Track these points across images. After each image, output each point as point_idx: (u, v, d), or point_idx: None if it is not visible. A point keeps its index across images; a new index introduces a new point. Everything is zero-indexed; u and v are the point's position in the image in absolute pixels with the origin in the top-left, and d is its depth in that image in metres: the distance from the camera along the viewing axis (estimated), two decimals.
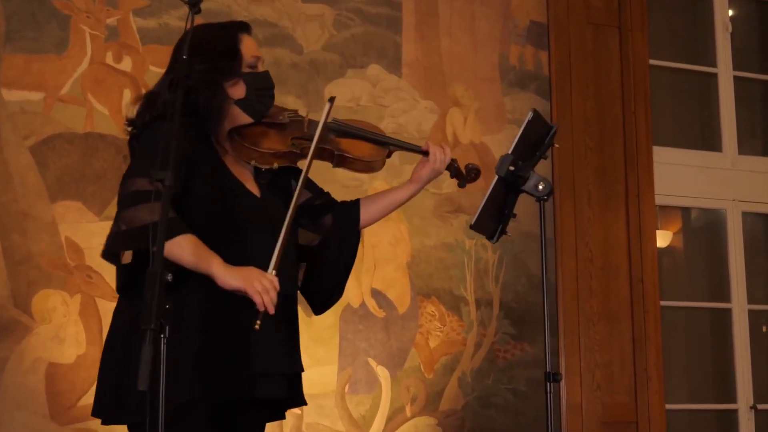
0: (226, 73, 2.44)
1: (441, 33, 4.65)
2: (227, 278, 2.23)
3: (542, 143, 2.84)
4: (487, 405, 4.36)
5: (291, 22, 4.38)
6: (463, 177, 2.82)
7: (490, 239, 2.86)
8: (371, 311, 4.24)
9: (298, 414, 4.03)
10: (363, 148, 2.63)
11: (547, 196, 2.75)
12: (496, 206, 2.80)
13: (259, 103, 2.50)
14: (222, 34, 2.51)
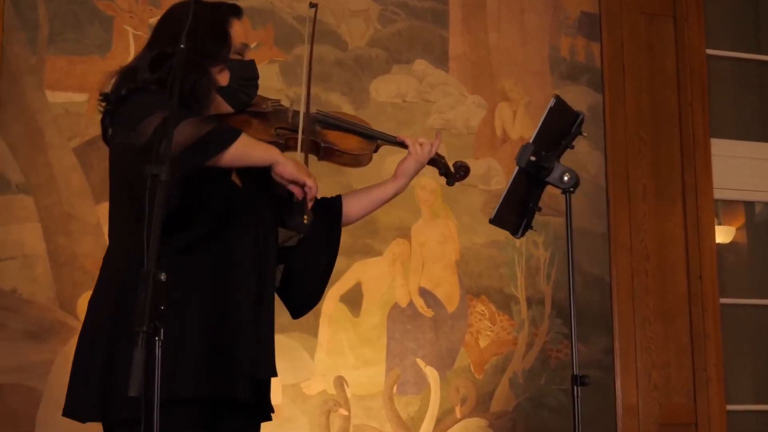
0: (212, 56, 2.33)
1: (489, 26, 4.56)
2: (286, 165, 2.22)
3: (569, 132, 2.70)
4: (539, 406, 4.26)
5: (335, 18, 4.32)
6: (451, 175, 2.73)
7: (514, 234, 2.75)
8: (419, 311, 4.16)
9: (346, 415, 3.97)
10: (350, 141, 2.54)
11: (573, 187, 2.61)
12: (518, 199, 2.66)
13: (242, 92, 2.39)
14: (213, 15, 2.38)
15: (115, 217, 2.27)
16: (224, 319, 2.23)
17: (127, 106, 2.23)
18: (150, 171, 1.87)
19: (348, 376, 3.99)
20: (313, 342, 3.99)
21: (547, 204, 4.38)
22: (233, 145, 2.13)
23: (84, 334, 2.23)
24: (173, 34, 2.23)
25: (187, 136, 2.08)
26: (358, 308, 4.09)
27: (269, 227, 2.39)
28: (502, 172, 4.41)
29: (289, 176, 2.23)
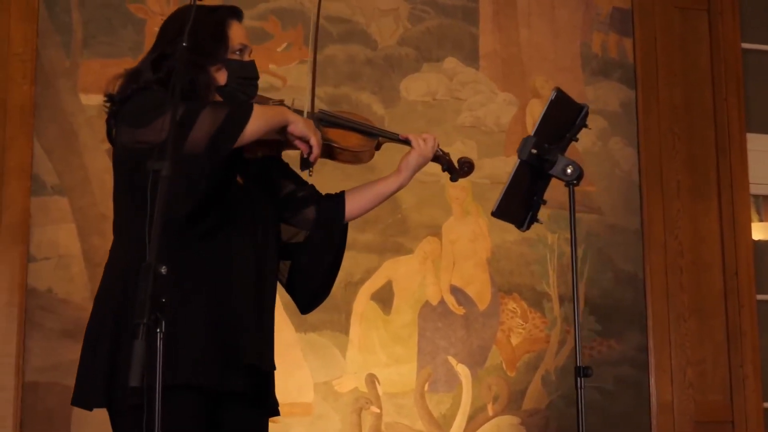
0: (211, 56, 2.36)
1: (519, 23, 4.54)
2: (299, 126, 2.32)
3: (573, 125, 2.68)
4: (572, 404, 4.19)
5: (365, 18, 4.34)
6: (455, 170, 2.72)
7: (519, 227, 2.73)
8: (450, 308, 4.17)
9: (377, 413, 3.98)
10: (351, 138, 2.54)
11: (576, 180, 2.59)
12: (522, 192, 2.65)
13: (240, 92, 2.41)
14: (211, 17, 2.42)
15: (119, 214, 2.32)
16: (224, 312, 2.26)
17: (130, 104, 2.27)
18: (152, 167, 1.89)
19: (379, 374, 4.01)
20: (345, 340, 4.02)
21: (579, 201, 4.37)
22: (252, 117, 2.20)
23: (90, 327, 2.29)
24: (174, 35, 2.29)
25: (209, 124, 2.14)
26: (389, 306, 4.10)
27: (269, 224, 2.42)
28: None
29: (300, 134, 2.32)
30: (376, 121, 4.19)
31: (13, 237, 3.71)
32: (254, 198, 2.39)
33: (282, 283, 2.55)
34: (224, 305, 2.27)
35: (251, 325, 2.30)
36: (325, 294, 2.61)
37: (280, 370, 3.88)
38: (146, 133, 2.17)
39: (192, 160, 2.11)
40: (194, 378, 2.19)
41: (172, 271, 1.84)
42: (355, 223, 4.04)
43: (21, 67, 3.85)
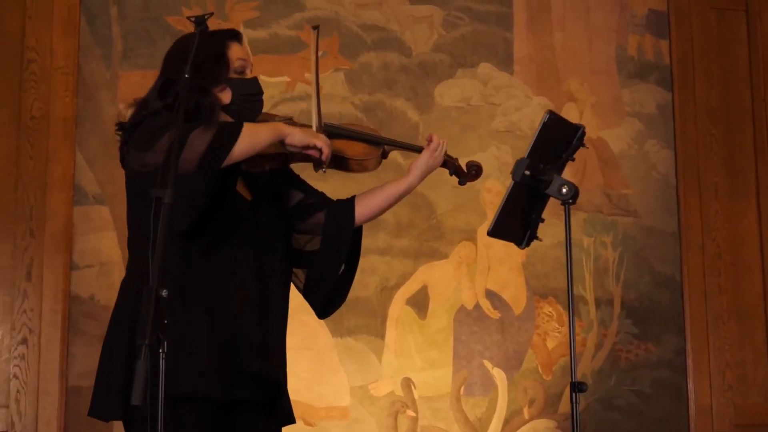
0: (213, 78, 2.44)
1: (554, 27, 4.56)
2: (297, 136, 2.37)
3: (569, 145, 2.72)
4: (609, 407, 4.25)
5: (399, 25, 4.38)
6: (463, 174, 2.74)
7: (518, 245, 2.76)
8: (486, 312, 4.20)
9: (413, 416, 4.03)
10: (356, 147, 2.59)
11: (572, 199, 2.64)
12: (519, 211, 2.68)
13: (246, 108, 2.48)
14: (210, 41, 2.48)
15: (132, 233, 2.39)
16: (227, 325, 2.32)
17: (139, 130, 2.35)
18: (154, 194, 1.96)
19: (415, 378, 4.06)
20: (381, 344, 4.07)
21: (616, 204, 4.38)
22: (241, 136, 2.26)
23: (107, 340, 2.37)
24: (177, 62, 2.37)
25: (198, 144, 2.20)
26: (424, 311, 4.14)
27: (276, 236, 2.45)
28: (569, 173, 4.37)
29: (300, 144, 2.37)
30: (411, 127, 4.26)
31: (57, 246, 3.81)
32: (261, 211, 2.45)
33: (299, 289, 2.61)
34: (227, 317, 2.32)
35: (254, 336, 2.35)
36: (341, 299, 2.66)
37: (317, 374, 3.98)
38: (151, 156, 2.25)
39: (186, 180, 2.16)
40: (199, 389, 2.26)
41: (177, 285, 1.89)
42: (391, 229, 4.14)
43: (63, 80, 3.95)
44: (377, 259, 4.13)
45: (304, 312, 3.98)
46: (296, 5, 4.28)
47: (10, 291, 3.77)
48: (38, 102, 3.91)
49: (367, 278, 4.11)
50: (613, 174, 4.47)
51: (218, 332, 2.31)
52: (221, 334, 2.31)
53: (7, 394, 3.70)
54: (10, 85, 3.90)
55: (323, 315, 2.65)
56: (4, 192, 3.82)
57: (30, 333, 3.75)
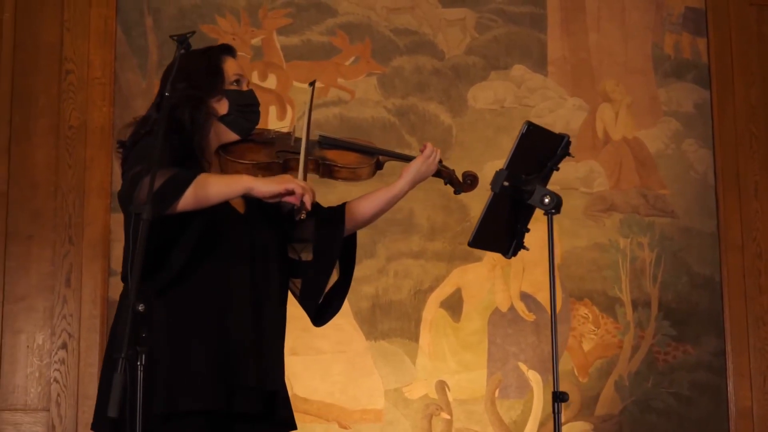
0: (208, 89, 2.49)
1: (588, 27, 4.53)
2: (265, 187, 2.31)
3: (554, 154, 2.71)
4: (646, 410, 4.21)
5: (431, 29, 4.39)
6: (458, 184, 2.75)
7: (504, 255, 2.75)
8: (520, 315, 4.19)
9: (448, 419, 4.04)
10: (348, 156, 2.62)
11: (554, 209, 2.64)
12: (502, 222, 2.70)
13: (243, 119, 2.53)
14: (205, 56, 2.57)
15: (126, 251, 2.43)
16: (222, 339, 2.36)
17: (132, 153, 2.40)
18: (133, 210, 2.01)
19: (449, 381, 4.07)
20: (415, 347, 4.08)
21: (653, 204, 4.34)
22: (190, 189, 2.25)
23: (106, 358, 2.41)
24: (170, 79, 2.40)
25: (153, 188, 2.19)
26: (458, 313, 4.15)
27: (270, 248, 2.48)
28: (605, 174, 4.38)
29: (269, 194, 2.33)
30: (444, 130, 4.27)
31: (95, 252, 3.89)
32: (254, 224, 2.47)
33: (296, 297, 2.63)
34: (222, 331, 2.36)
35: (250, 350, 2.38)
36: (337, 306, 2.66)
37: (351, 377, 4.01)
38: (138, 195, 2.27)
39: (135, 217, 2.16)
40: (196, 403, 2.30)
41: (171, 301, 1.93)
42: (425, 232, 4.15)
43: (100, 90, 4.04)
44: (411, 263, 4.15)
45: (339, 316, 4.00)
46: (328, 11, 4.31)
47: (50, 297, 3.86)
48: (76, 112, 4.00)
49: (400, 281, 4.13)
50: (650, 174, 4.43)
51: (214, 346, 2.35)
52: (217, 348, 2.35)
53: (47, 397, 3.79)
54: (49, 96, 4.00)
55: (318, 323, 2.66)
56: (43, 200, 3.92)
57: (69, 338, 3.84)
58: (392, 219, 4.14)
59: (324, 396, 3.99)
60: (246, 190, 2.31)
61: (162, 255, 2.32)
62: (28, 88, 3.99)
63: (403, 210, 4.17)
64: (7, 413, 3.75)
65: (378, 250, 4.14)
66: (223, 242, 2.40)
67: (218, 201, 2.31)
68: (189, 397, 2.30)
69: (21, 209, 3.90)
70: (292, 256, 2.62)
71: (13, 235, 3.87)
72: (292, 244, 2.62)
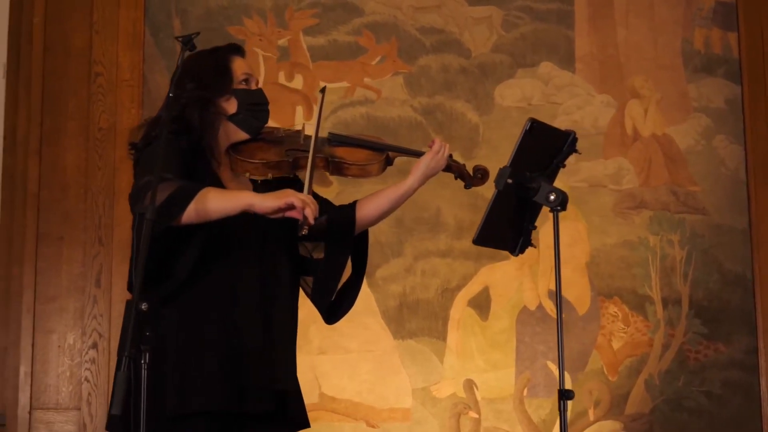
0: (217, 89, 2.50)
1: (617, 23, 4.50)
2: (265, 203, 2.30)
3: (560, 151, 2.69)
4: (677, 408, 4.17)
5: (458, 27, 4.39)
6: (469, 178, 2.74)
7: (512, 252, 2.73)
8: (549, 313, 4.17)
9: (476, 418, 4.03)
10: (358, 153, 2.62)
11: (560, 206, 2.61)
12: (507, 220, 2.67)
13: (252, 118, 2.54)
14: (214, 56, 2.58)
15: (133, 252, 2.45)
16: (231, 339, 2.37)
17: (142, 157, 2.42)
18: (138, 210, 2.03)
19: (477, 380, 4.06)
20: (442, 346, 4.08)
21: (683, 201, 4.31)
22: (192, 203, 2.26)
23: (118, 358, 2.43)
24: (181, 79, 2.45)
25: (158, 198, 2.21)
26: (486, 312, 4.14)
27: (280, 245, 2.48)
28: (634, 171, 4.35)
29: (271, 210, 2.32)
30: (471, 128, 4.26)
31: (124, 253, 3.93)
32: (265, 222, 2.46)
33: (307, 295, 2.64)
34: (231, 332, 2.38)
35: (259, 348, 2.40)
36: (349, 304, 2.67)
37: (379, 376, 4.02)
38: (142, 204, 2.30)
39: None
40: (206, 404, 2.32)
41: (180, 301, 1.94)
42: (452, 231, 4.15)
43: (129, 92, 4.08)
44: (438, 261, 4.15)
45: (367, 315, 4.08)
46: (355, 11, 4.32)
47: (81, 297, 3.90)
48: (105, 114, 4.04)
49: (428, 280, 4.13)
50: (680, 171, 4.39)
51: (224, 347, 2.37)
52: (227, 348, 2.37)
53: (78, 396, 3.84)
54: (79, 99, 4.04)
55: (330, 321, 2.67)
56: (74, 202, 3.96)
57: (100, 338, 3.88)
58: (419, 218, 4.15)
59: (352, 395, 4.00)
60: (246, 207, 2.32)
61: (167, 265, 2.34)
62: (58, 91, 4.04)
63: (430, 209, 4.17)
64: (39, 412, 3.80)
65: (405, 249, 4.14)
66: (233, 241, 2.41)
67: (218, 217, 2.31)
68: (200, 398, 2.32)
69: (52, 211, 3.94)
70: (302, 253, 2.63)
71: (44, 236, 3.92)
72: (303, 242, 2.63)
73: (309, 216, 2.29)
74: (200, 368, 2.34)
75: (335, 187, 4.05)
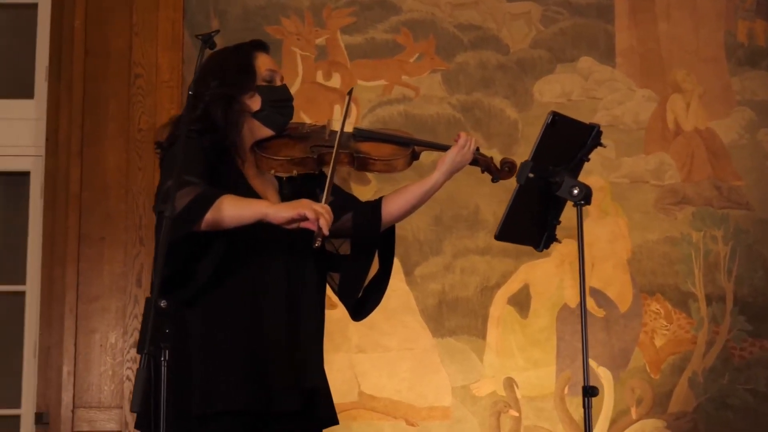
0: (240, 86, 2.51)
1: (657, 16, 4.44)
2: (278, 212, 2.29)
3: (584, 145, 2.64)
4: (722, 407, 4.11)
5: (496, 23, 4.36)
6: (496, 171, 2.71)
7: (536, 248, 2.69)
8: (590, 311, 4.13)
9: (516, 416, 4.01)
10: (384, 148, 2.60)
11: (583, 200, 2.56)
12: (530, 214, 2.63)
13: (276, 114, 2.53)
14: (237, 52, 2.58)
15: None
16: (257, 338, 2.38)
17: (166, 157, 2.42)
18: (157, 208, 2.04)
19: (518, 378, 4.03)
20: (482, 344, 4.06)
21: (727, 196, 4.24)
22: (210, 211, 2.26)
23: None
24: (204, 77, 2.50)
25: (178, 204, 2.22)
26: (526, 310, 4.11)
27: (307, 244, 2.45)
28: (676, 166, 4.29)
29: (284, 221, 2.31)
30: (509, 125, 4.24)
31: None
32: None
33: (334, 291, 2.63)
34: (256, 330, 2.38)
35: (285, 347, 2.40)
36: (376, 301, 2.65)
37: (418, 375, 4.01)
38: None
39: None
40: (232, 403, 2.32)
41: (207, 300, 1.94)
42: (491, 228, 4.12)
43: (168, 93, 4.11)
44: (477, 259, 4.13)
45: (406, 313, 4.07)
46: (392, 9, 4.31)
47: (122, 297, 3.95)
48: (145, 115, 4.08)
49: (467, 278, 4.11)
50: (724, 165, 4.32)
51: (250, 346, 2.37)
52: (253, 347, 2.37)
53: (120, 395, 3.88)
54: (119, 100, 4.08)
55: (357, 317, 2.66)
56: (115, 202, 4.00)
57: None
58: (458, 215, 4.13)
59: (391, 393, 4.00)
60: (261, 216, 2.31)
61: (189, 269, 2.34)
62: (98, 93, 4.08)
63: (468, 206, 4.16)
64: (82, 410, 3.85)
65: (444, 246, 4.13)
66: (259, 240, 2.41)
67: (232, 226, 2.31)
68: (225, 398, 2.33)
69: (93, 212, 3.99)
70: (329, 249, 2.62)
71: (86, 237, 3.96)
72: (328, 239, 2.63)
73: (323, 227, 2.28)
74: (225, 368, 2.35)
75: (374, 185, 4.06)
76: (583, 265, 2.62)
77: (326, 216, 2.29)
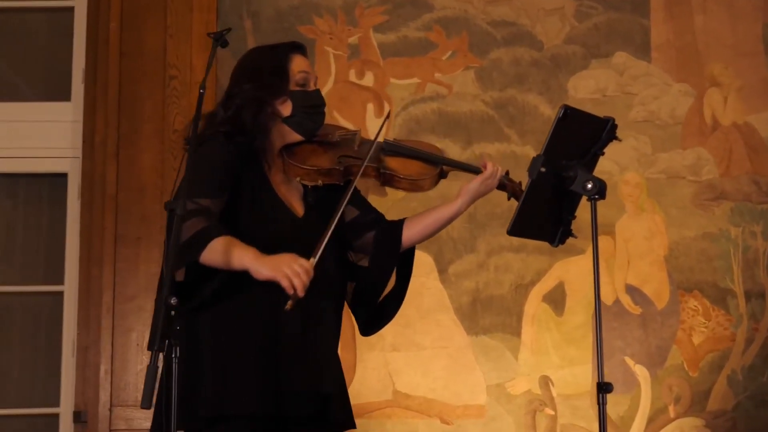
0: (273, 91, 2.48)
1: (694, 9, 4.38)
2: (258, 269, 2.27)
3: (598, 139, 2.59)
4: (762, 405, 4.05)
5: (530, 19, 4.33)
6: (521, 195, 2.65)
7: (551, 243, 2.65)
8: (626, 308, 4.09)
9: (552, 415, 3.98)
10: (412, 166, 2.58)
11: (597, 194, 2.51)
12: (544, 209, 2.58)
13: (307, 120, 2.51)
14: (272, 54, 2.55)
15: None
16: (274, 343, 2.37)
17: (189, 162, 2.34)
18: (168, 206, 2.04)
19: (553, 376, 4.01)
20: (517, 342, 4.04)
21: (766, 191, 4.18)
22: (204, 252, 2.25)
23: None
24: (238, 77, 2.51)
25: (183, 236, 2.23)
26: (561, 307, 4.09)
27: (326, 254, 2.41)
28: (713, 161, 4.23)
29: (263, 279, 2.29)
30: (543, 122, 4.21)
31: None
32: (312, 227, 2.45)
33: (348, 302, 2.62)
34: (270, 335, 2.38)
35: (299, 352, 2.39)
36: (388, 318, 2.64)
37: (453, 373, 4.00)
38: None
39: None
40: (245, 408, 2.32)
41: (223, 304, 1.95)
42: None
43: None
44: (512, 257, 4.11)
45: (440, 311, 4.06)
46: (425, 6, 4.31)
47: None
48: (180, 116, 4.11)
49: (501, 276, 4.09)
50: (763, 160, 4.26)
51: (263, 350, 2.37)
52: (266, 351, 2.37)
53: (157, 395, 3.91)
54: (154, 102, 4.12)
55: (366, 333, 2.65)
56: (151, 203, 4.04)
57: None
58: (492, 213, 4.11)
59: (426, 392, 3.99)
60: (244, 269, 2.29)
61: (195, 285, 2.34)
62: (134, 95, 4.12)
63: (502, 204, 4.08)
64: (119, 409, 3.89)
65: (478, 244, 4.12)
66: (279, 244, 2.39)
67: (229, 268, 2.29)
68: (236, 401, 2.33)
69: (129, 212, 4.03)
70: (350, 259, 2.62)
71: (122, 237, 4.00)
72: (350, 251, 2.62)
73: (298, 290, 2.25)
74: (237, 371, 2.35)
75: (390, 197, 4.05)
76: (597, 261, 2.61)
77: (303, 278, 2.26)
